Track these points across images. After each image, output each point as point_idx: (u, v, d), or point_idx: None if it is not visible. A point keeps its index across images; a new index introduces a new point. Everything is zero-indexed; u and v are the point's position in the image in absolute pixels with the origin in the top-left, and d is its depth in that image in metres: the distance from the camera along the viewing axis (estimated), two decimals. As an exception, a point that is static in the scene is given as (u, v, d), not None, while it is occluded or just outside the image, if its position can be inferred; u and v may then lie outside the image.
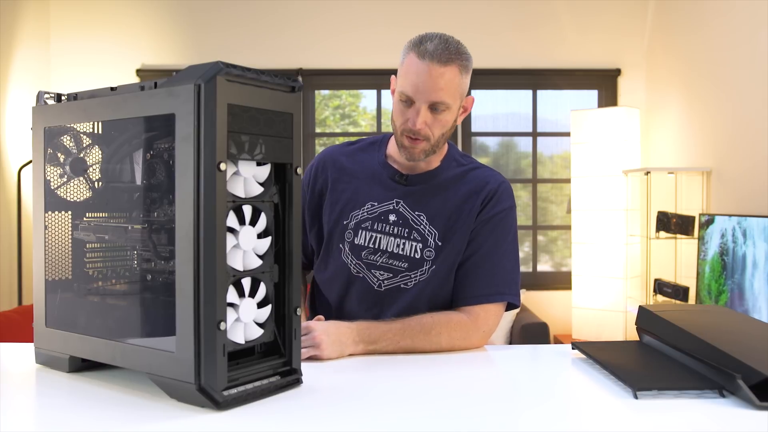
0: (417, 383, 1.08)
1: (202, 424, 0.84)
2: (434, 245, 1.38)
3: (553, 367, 1.18)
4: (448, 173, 1.43)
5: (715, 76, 3.37)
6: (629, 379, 0.99)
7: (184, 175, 0.87)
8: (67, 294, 1.09)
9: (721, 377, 0.95)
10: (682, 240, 3.49)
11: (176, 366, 0.88)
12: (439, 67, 1.27)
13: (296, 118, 0.99)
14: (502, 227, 1.38)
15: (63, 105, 1.08)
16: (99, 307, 1.05)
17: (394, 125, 1.38)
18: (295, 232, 1.01)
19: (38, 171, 1.10)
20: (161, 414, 0.88)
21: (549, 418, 0.90)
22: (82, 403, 0.93)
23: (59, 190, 1.10)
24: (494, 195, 1.39)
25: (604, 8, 4.28)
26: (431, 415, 0.90)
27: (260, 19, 4.27)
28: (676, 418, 0.88)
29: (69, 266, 1.09)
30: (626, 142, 3.83)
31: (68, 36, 4.20)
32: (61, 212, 1.10)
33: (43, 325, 1.09)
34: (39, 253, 1.10)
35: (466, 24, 4.30)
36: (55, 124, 1.09)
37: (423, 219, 1.38)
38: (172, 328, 0.89)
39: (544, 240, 4.52)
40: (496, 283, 1.35)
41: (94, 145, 1.09)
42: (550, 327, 3.88)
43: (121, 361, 0.97)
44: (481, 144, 4.50)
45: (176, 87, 0.88)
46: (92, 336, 1.02)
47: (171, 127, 0.90)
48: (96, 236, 1.06)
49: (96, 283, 1.07)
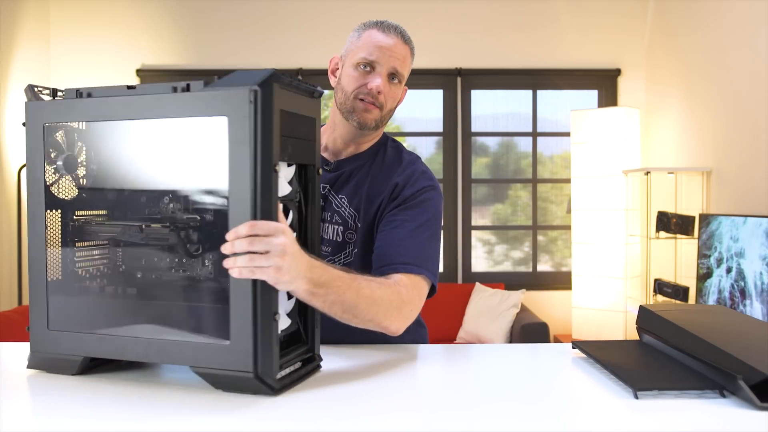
0: (416, 382, 1.08)
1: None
2: (354, 227, 1.35)
3: (554, 366, 1.18)
4: (372, 157, 1.42)
5: (715, 76, 3.37)
6: (630, 379, 0.98)
7: (240, 176, 0.92)
8: (77, 295, 1.06)
9: (722, 377, 0.95)
10: (682, 240, 3.49)
11: (231, 357, 0.93)
12: (401, 43, 1.36)
13: (318, 122, 1.08)
14: (417, 207, 1.32)
15: (70, 102, 1.03)
16: (126, 305, 1.04)
17: (343, 93, 1.35)
18: (315, 228, 1.10)
19: (36, 169, 1.05)
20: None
21: (549, 417, 0.90)
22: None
23: (62, 187, 1.07)
24: (409, 179, 1.35)
25: (604, 8, 4.28)
26: (431, 414, 0.90)
27: (260, 19, 4.27)
28: (676, 418, 0.88)
29: (78, 267, 1.06)
30: (626, 142, 3.83)
31: (68, 36, 4.20)
32: (67, 211, 1.06)
33: (44, 327, 1.05)
34: (38, 253, 1.05)
35: (466, 24, 4.30)
36: (58, 120, 1.04)
37: (344, 201, 1.37)
38: (219, 323, 0.95)
39: (544, 240, 4.52)
40: (412, 255, 1.26)
41: (109, 143, 1.05)
42: (550, 327, 3.88)
43: (158, 357, 0.99)
44: (481, 144, 4.50)
45: (229, 91, 0.92)
46: (118, 335, 1.01)
47: (209, 130, 0.95)
48: (117, 236, 1.04)
49: (120, 284, 1.05)
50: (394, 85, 1.37)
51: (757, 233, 2.66)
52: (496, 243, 4.57)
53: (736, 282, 2.81)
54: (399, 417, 0.90)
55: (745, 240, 2.75)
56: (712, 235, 3.02)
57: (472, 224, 4.42)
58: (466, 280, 4.37)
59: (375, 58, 1.33)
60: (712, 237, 3.02)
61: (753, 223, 2.71)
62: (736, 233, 2.82)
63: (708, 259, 3.05)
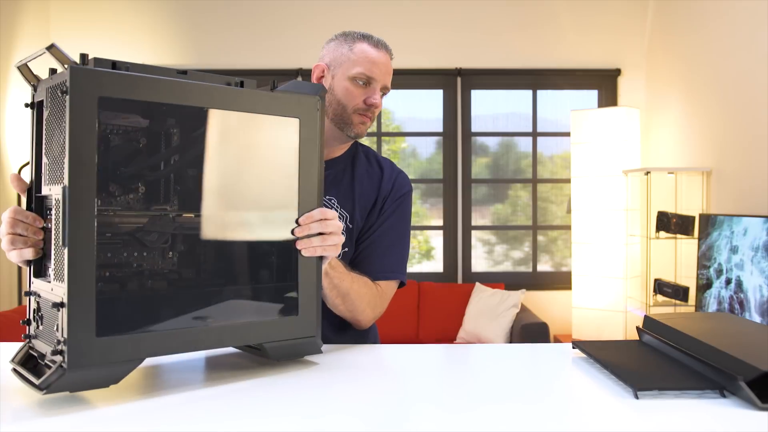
0: (416, 382, 1.08)
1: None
2: (345, 228, 1.42)
3: (554, 366, 1.18)
4: (352, 161, 1.50)
5: (715, 76, 3.37)
6: (630, 379, 0.98)
7: (309, 169, 1.11)
8: (134, 291, 0.97)
9: (722, 377, 0.95)
10: (682, 240, 3.49)
11: (301, 326, 1.09)
12: (389, 58, 1.45)
13: None
14: (400, 211, 1.48)
15: (135, 78, 0.93)
16: (186, 297, 1.01)
17: (339, 105, 1.41)
18: None
19: (84, 148, 0.88)
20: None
21: (549, 417, 0.90)
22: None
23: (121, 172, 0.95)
24: (395, 180, 1.49)
25: (604, 8, 4.28)
26: (431, 414, 0.90)
27: (260, 19, 4.27)
28: (676, 418, 0.88)
29: (133, 261, 0.96)
30: (626, 142, 3.84)
31: (68, 36, 4.20)
32: (119, 197, 0.95)
33: (90, 336, 0.89)
34: (83, 251, 0.88)
35: (466, 24, 4.30)
36: (118, 95, 0.92)
37: (334, 203, 1.43)
38: (283, 298, 1.10)
39: (544, 240, 4.52)
40: (395, 262, 1.46)
41: (171, 127, 0.99)
42: (550, 327, 3.89)
43: (231, 341, 1.04)
44: (481, 144, 4.50)
45: (300, 97, 1.10)
46: (185, 327, 0.98)
47: (276, 129, 1.08)
48: (176, 230, 1.00)
49: (180, 275, 1.01)
50: (382, 97, 1.47)
51: (758, 238, 2.66)
52: (496, 243, 4.57)
53: (736, 294, 2.81)
54: (399, 416, 0.90)
55: (745, 252, 2.74)
56: (711, 247, 3.02)
57: (472, 224, 4.42)
58: (466, 280, 4.37)
59: (372, 75, 1.41)
60: (711, 248, 3.02)
61: (752, 232, 2.70)
62: (736, 244, 2.82)
63: (707, 269, 3.05)
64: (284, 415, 0.90)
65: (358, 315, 1.36)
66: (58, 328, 0.89)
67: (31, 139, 1.02)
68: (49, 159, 0.95)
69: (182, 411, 0.91)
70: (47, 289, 0.94)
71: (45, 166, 0.97)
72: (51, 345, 0.91)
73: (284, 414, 0.90)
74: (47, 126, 0.96)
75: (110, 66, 0.93)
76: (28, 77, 1.02)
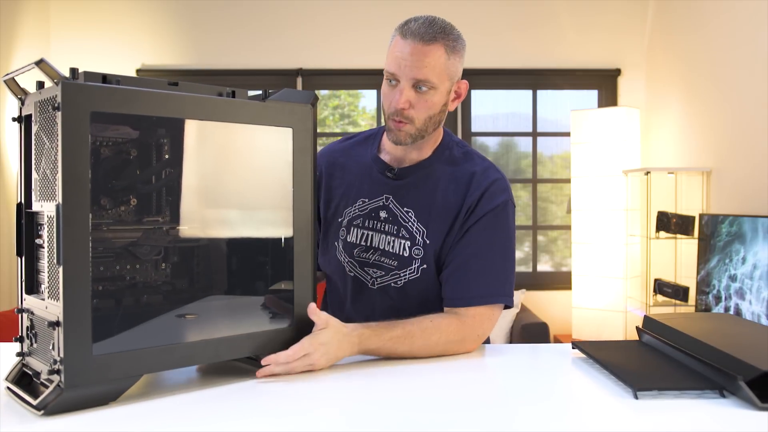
0: (416, 383, 1.08)
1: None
2: (422, 243, 1.33)
3: (553, 367, 1.18)
4: (439, 165, 1.38)
5: (715, 76, 3.37)
6: (629, 379, 0.98)
7: (302, 178, 1.10)
8: (129, 307, 0.96)
9: (722, 377, 0.95)
10: (682, 240, 3.49)
11: (296, 336, 1.09)
12: (421, 46, 1.24)
13: None
14: (493, 225, 1.32)
15: (125, 91, 0.91)
16: (181, 310, 1.02)
17: (384, 111, 1.34)
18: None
19: (77, 163, 0.86)
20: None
21: (549, 417, 0.90)
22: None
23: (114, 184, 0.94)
24: (485, 192, 1.33)
25: (604, 8, 4.28)
26: (431, 414, 0.90)
27: (260, 19, 4.27)
28: (676, 418, 0.88)
29: (127, 275, 0.96)
30: (626, 142, 3.83)
31: (68, 36, 4.20)
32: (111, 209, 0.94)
33: (86, 354, 0.87)
34: (77, 267, 0.86)
35: (466, 24, 4.28)
36: (109, 110, 0.90)
37: (411, 216, 1.34)
38: (279, 308, 1.10)
39: (544, 240, 4.52)
40: (488, 284, 1.29)
41: (162, 138, 0.99)
42: (550, 327, 3.88)
43: (228, 354, 1.03)
44: (481, 144, 4.50)
45: (293, 106, 1.08)
46: (181, 342, 0.99)
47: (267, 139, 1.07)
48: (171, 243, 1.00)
49: (176, 289, 1.01)
50: (424, 92, 1.27)
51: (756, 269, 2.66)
52: (496, 243, 4.56)
53: None
54: (397, 416, 0.90)
55: (745, 281, 2.74)
56: (710, 273, 3.01)
57: (472, 224, 4.42)
58: (466, 280, 4.36)
59: (394, 71, 1.27)
60: (710, 275, 3.01)
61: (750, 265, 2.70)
62: (735, 272, 2.81)
63: (707, 296, 3.05)
64: (284, 415, 0.90)
65: (450, 353, 1.24)
66: (54, 347, 0.87)
67: (20, 154, 0.99)
68: (40, 174, 0.93)
69: (182, 411, 0.91)
70: (41, 307, 0.92)
71: (35, 182, 0.95)
72: (47, 364, 0.90)
73: (284, 414, 0.90)
74: (36, 141, 0.94)
75: (101, 79, 0.91)
76: (15, 91, 0.99)
